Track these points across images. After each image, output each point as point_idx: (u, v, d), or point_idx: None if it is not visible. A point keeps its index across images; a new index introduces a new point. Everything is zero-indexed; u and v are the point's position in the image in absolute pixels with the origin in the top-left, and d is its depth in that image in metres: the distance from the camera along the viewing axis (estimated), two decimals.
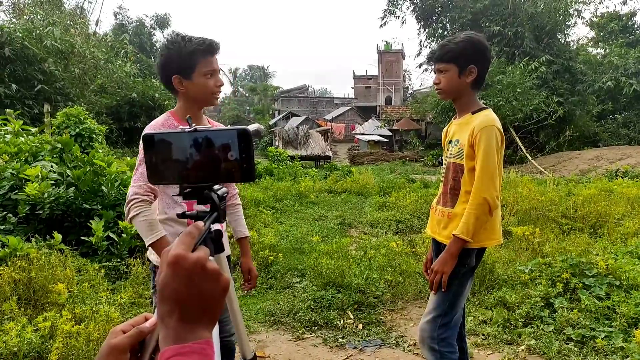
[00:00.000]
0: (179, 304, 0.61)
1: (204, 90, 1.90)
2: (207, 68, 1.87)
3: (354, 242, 6.05)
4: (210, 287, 0.63)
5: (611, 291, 3.61)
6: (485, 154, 1.97)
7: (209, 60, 1.87)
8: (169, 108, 10.97)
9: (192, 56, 1.83)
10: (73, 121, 7.79)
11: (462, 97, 2.13)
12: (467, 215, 1.98)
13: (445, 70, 2.08)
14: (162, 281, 0.62)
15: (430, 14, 25.32)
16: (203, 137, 0.79)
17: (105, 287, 3.53)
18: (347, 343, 3.33)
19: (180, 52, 1.83)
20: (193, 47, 1.82)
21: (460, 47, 2.04)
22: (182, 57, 1.83)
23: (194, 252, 0.64)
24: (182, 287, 0.61)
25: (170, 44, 1.85)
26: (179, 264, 0.62)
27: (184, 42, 1.83)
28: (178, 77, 1.87)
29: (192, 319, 0.61)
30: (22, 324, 2.76)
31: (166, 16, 42.20)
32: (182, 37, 1.86)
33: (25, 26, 15.66)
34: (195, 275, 0.62)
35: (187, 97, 1.92)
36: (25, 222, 4.21)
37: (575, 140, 21.67)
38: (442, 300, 2.09)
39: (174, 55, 1.84)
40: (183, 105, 1.96)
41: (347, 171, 14.61)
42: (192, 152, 0.80)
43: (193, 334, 0.61)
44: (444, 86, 2.10)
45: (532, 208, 6.57)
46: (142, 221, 1.81)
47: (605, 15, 28.58)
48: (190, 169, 0.80)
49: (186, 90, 1.89)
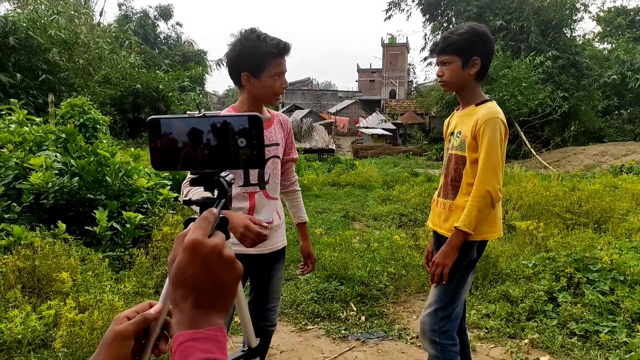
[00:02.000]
0: (194, 290, 0.60)
1: (269, 90, 1.93)
2: (276, 70, 1.89)
3: (357, 235, 6.05)
4: (225, 274, 0.62)
5: (615, 286, 3.60)
6: (489, 146, 1.95)
7: (279, 62, 1.90)
8: (173, 99, 11.13)
9: (264, 57, 1.85)
10: (77, 111, 7.78)
11: (465, 89, 2.10)
12: (469, 208, 1.97)
13: (449, 62, 2.05)
14: (178, 266, 0.61)
15: (436, 7, 25.18)
16: (212, 123, 0.78)
17: (109, 277, 3.54)
18: (349, 335, 3.34)
19: (254, 51, 1.84)
20: (267, 49, 1.84)
21: (463, 38, 2.01)
22: (255, 56, 1.85)
23: (210, 237, 0.64)
24: (198, 273, 0.61)
25: (245, 41, 1.86)
26: (196, 250, 0.61)
27: (259, 41, 1.84)
28: (247, 74, 1.89)
29: (207, 305, 0.61)
30: (26, 312, 2.77)
31: (169, 7, 42.04)
32: (257, 35, 1.86)
33: (29, 16, 15.62)
34: (212, 262, 0.61)
35: (252, 94, 1.95)
36: (30, 211, 4.22)
37: (580, 135, 21.58)
38: (443, 293, 2.08)
39: (247, 52, 1.85)
40: (245, 101, 1.99)
41: (351, 164, 14.58)
42: (201, 138, 0.78)
43: (207, 321, 0.60)
44: (448, 78, 2.08)
45: (536, 203, 6.55)
46: (194, 193, 1.77)
47: (612, 10, 28.36)
48: (199, 155, 0.79)
49: (252, 88, 1.92)
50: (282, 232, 2.18)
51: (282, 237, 2.18)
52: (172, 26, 43.25)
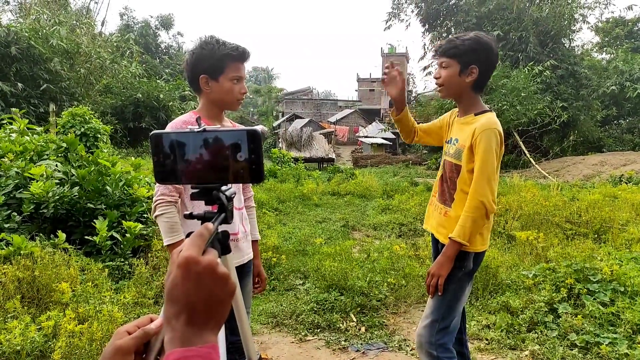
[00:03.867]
0: (187, 307, 0.61)
1: (228, 94, 1.95)
2: (234, 73, 1.93)
3: (357, 245, 6.04)
4: (219, 291, 0.63)
5: (615, 297, 3.59)
6: (484, 157, 1.95)
7: (238, 66, 1.94)
8: (173, 109, 11.15)
9: (223, 59, 1.89)
10: (78, 121, 7.79)
11: (463, 98, 2.11)
12: (463, 218, 1.97)
13: (447, 66, 2.06)
14: (172, 282, 0.61)
15: (435, 17, 25.31)
16: (212, 138, 0.79)
17: (108, 287, 3.53)
18: (349, 346, 3.32)
19: (213, 53, 1.88)
20: (226, 51, 1.89)
21: (465, 45, 2.01)
22: (214, 58, 1.89)
23: (204, 254, 0.64)
24: (191, 290, 0.61)
25: (205, 45, 1.91)
26: (189, 267, 0.61)
27: (218, 45, 1.89)
28: (205, 76, 1.92)
29: (200, 322, 0.61)
30: (25, 323, 2.76)
31: (170, 16, 42.32)
32: (216, 40, 1.92)
33: (31, 26, 15.75)
34: (206, 279, 0.62)
35: (211, 97, 1.97)
36: (30, 220, 4.22)
37: (579, 145, 21.61)
38: (440, 305, 2.07)
39: (206, 55, 1.90)
40: (205, 106, 2.02)
41: (351, 174, 14.60)
42: (201, 153, 0.79)
43: (199, 338, 0.60)
44: (443, 81, 2.08)
45: (536, 213, 6.55)
46: (164, 222, 1.89)
47: (611, 21, 28.51)
48: (199, 170, 0.80)
49: (211, 91, 1.95)
50: (247, 245, 2.14)
51: (248, 249, 2.14)
52: (173, 36, 43.66)
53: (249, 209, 2.29)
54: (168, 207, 1.88)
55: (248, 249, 2.15)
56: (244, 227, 2.11)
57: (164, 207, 1.88)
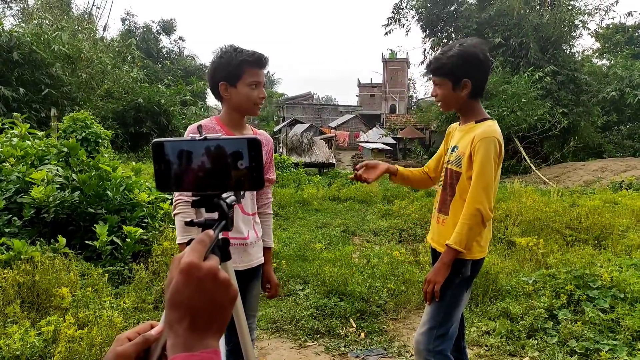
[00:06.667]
0: (189, 312, 0.61)
1: (247, 99, 1.99)
2: (252, 79, 1.97)
3: (357, 250, 6.04)
4: (221, 297, 0.63)
5: (615, 304, 3.59)
6: (482, 165, 1.95)
7: (256, 72, 1.98)
8: (175, 114, 11.20)
9: (240, 66, 1.94)
10: (79, 125, 7.82)
11: (462, 108, 2.12)
12: (460, 225, 1.97)
13: (440, 83, 2.07)
14: (174, 288, 0.62)
15: (436, 23, 25.42)
16: (214, 146, 0.80)
17: (108, 292, 3.53)
18: (349, 352, 3.32)
19: (230, 61, 1.94)
20: (243, 57, 1.94)
21: (452, 62, 2.00)
22: (231, 65, 1.94)
23: (205, 260, 0.65)
24: (193, 296, 0.61)
25: (223, 53, 1.97)
26: (191, 272, 0.62)
27: (235, 52, 1.95)
28: (224, 83, 1.97)
29: (202, 327, 0.62)
30: (25, 328, 2.77)
31: (172, 21, 42.49)
32: (234, 48, 1.97)
33: (33, 31, 15.81)
34: (207, 284, 0.62)
35: (231, 104, 2.02)
36: (30, 225, 4.23)
37: (580, 151, 21.61)
38: (437, 311, 2.06)
39: (224, 63, 1.95)
40: (227, 112, 2.06)
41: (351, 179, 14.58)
42: (203, 160, 0.80)
43: (201, 343, 0.61)
44: (440, 99, 2.11)
45: (536, 219, 6.55)
46: (180, 220, 1.94)
47: (611, 27, 28.61)
48: (200, 177, 0.81)
49: (230, 97, 2.00)
50: (258, 250, 2.15)
51: (258, 254, 2.16)
52: (175, 41, 43.71)
53: (265, 215, 2.27)
54: (185, 207, 1.93)
55: (258, 253, 2.16)
56: (255, 232, 2.13)
57: (182, 206, 1.94)
